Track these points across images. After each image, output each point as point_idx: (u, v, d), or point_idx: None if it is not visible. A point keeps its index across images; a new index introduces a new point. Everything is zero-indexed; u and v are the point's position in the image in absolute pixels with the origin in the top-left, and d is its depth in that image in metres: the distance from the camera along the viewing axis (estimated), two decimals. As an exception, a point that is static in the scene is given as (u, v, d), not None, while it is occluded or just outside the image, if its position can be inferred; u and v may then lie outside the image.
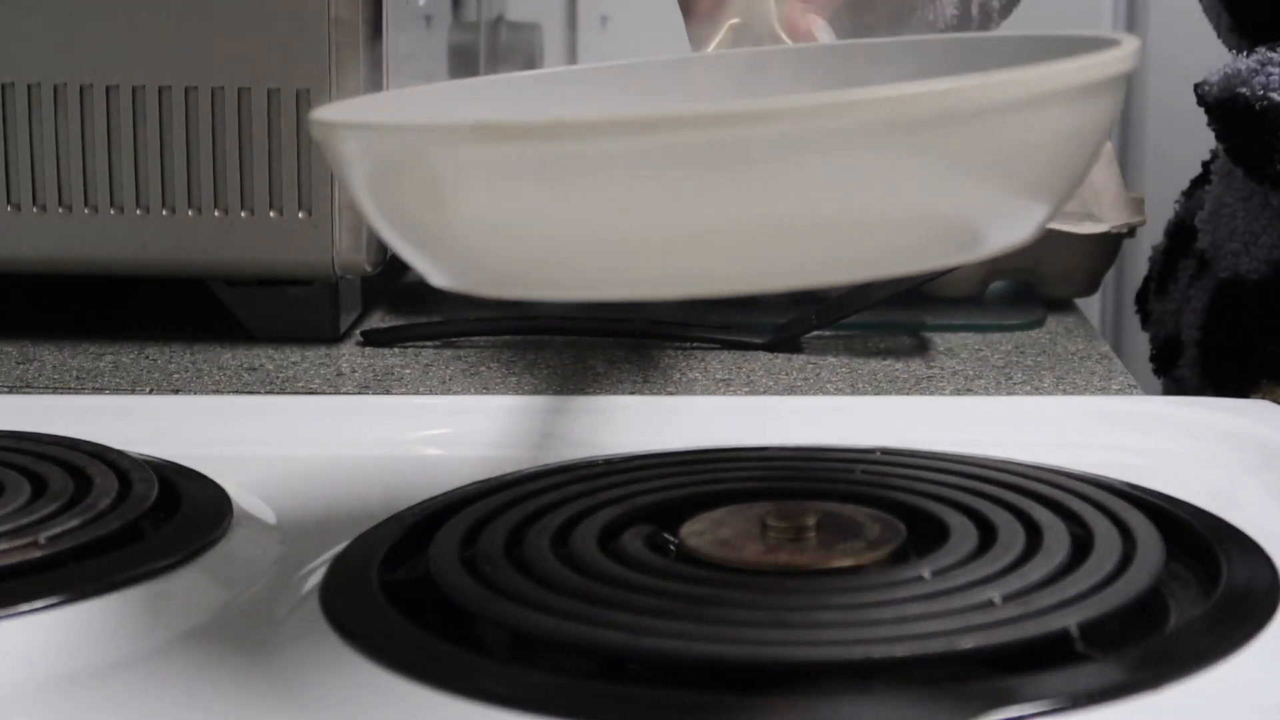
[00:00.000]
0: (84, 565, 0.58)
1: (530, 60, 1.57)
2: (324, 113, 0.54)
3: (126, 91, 0.93)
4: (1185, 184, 1.14)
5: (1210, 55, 1.11)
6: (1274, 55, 0.96)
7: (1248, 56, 0.97)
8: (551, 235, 0.48)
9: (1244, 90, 0.95)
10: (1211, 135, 1.02)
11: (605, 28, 2.14)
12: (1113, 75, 0.51)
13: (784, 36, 0.74)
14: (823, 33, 0.80)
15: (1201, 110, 1.00)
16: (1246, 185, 1.00)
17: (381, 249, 0.96)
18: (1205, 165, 1.12)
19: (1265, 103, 0.94)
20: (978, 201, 0.50)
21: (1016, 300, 1.06)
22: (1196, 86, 1.00)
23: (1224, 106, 0.97)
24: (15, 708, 0.51)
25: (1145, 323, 1.15)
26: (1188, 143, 1.25)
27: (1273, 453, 0.71)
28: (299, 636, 0.54)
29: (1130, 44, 0.52)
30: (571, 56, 2.14)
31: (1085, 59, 0.50)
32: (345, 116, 0.53)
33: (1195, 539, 0.59)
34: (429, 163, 0.49)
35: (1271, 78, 0.95)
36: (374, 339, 0.96)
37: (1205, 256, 1.04)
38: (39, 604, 0.55)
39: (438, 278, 0.53)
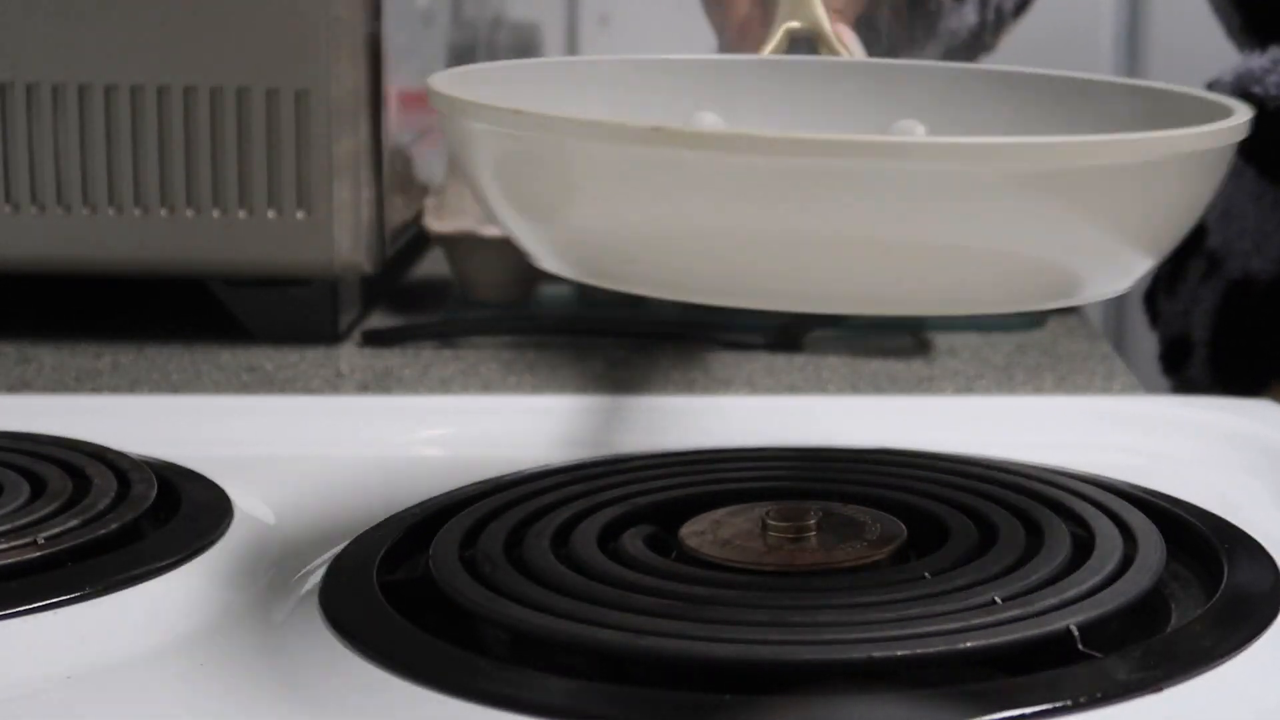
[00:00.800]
0: (83, 566, 0.58)
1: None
2: (453, 89, 0.54)
3: (126, 91, 0.93)
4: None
5: (1212, 53, 1.11)
6: None
7: (1261, 55, 0.97)
8: (698, 239, 0.50)
9: (1257, 89, 0.95)
10: None
11: (605, 27, 2.14)
12: (1231, 143, 0.53)
13: (836, 44, 0.74)
14: (853, 43, 0.81)
15: None
16: (1258, 184, 1.00)
17: (381, 248, 0.96)
18: None
19: (1278, 102, 0.94)
20: (1092, 252, 0.52)
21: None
22: (1209, 85, 1.00)
23: None
24: (15, 708, 0.51)
25: (1154, 322, 1.15)
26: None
27: (1275, 453, 0.71)
28: (298, 637, 0.54)
29: (1244, 113, 0.55)
30: (571, 56, 2.14)
31: (1212, 126, 0.52)
32: (493, 98, 0.53)
33: (1196, 539, 0.59)
34: (589, 158, 0.50)
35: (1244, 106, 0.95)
36: (374, 339, 0.96)
37: (1215, 256, 1.04)
38: (38, 604, 0.55)
39: (546, 261, 0.54)
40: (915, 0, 0.92)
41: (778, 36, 0.75)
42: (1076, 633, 0.50)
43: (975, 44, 1.00)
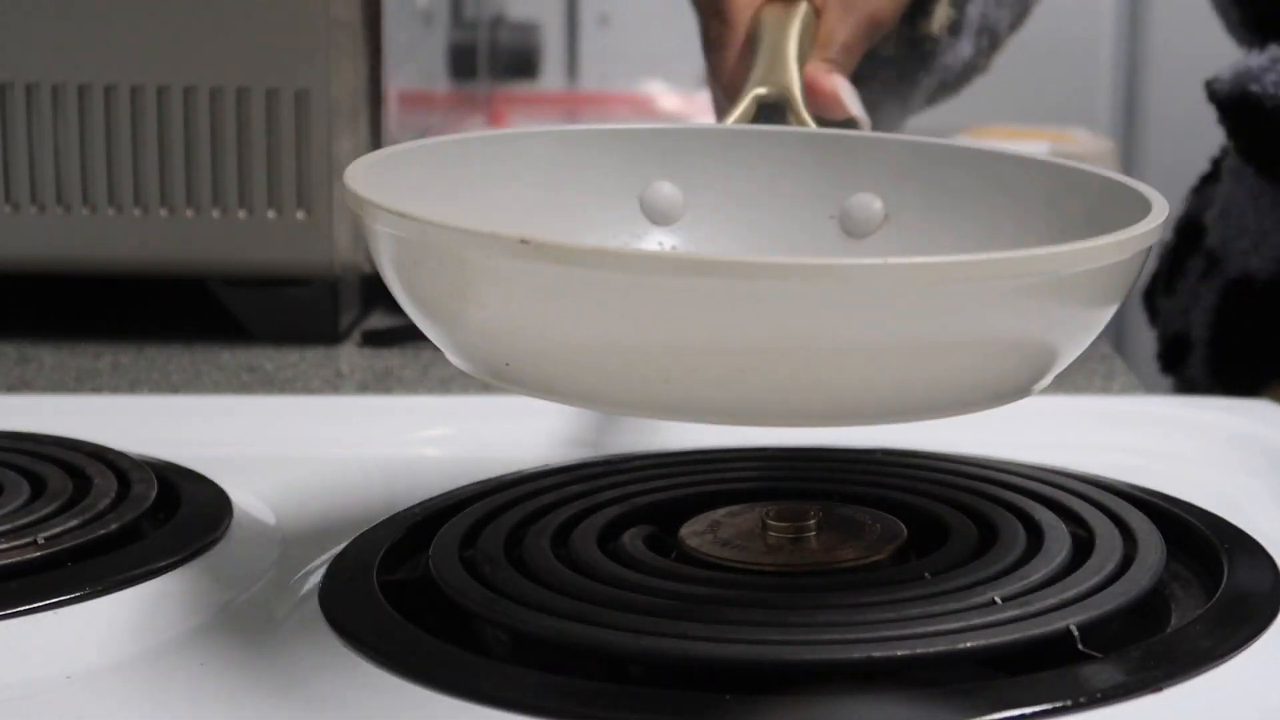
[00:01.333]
0: (83, 565, 0.58)
1: (530, 59, 1.57)
2: (358, 183, 0.55)
3: (125, 91, 0.93)
4: (1190, 182, 1.14)
5: (1213, 51, 1.11)
6: None
7: (1260, 53, 0.97)
8: (578, 348, 0.50)
9: (1255, 87, 0.95)
10: (1216, 132, 1.02)
11: (605, 27, 2.14)
12: (1133, 254, 0.52)
13: (805, 114, 0.74)
14: (846, 93, 0.81)
15: (1207, 107, 1.00)
16: (1257, 183, 1.00)
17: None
18: (1215, 162, 1.11)
19: (1276, 101, 0.94)
20: (991, 365, 0.51)
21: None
22: (1207, 83, 1.00)
23: (1235, 104, 0.97)
24: (15, 708, 0.51)
25: (1153, 320, 1.15)
26: (1191, 140, 1.25)
27: (1275, 453, 0.71)
28: (298, 636, 0.54)
29: (1160, 211, 0.54)
30: (571, 55, 2.14)
31: (1115, 238, 0.51)
32: (380, 196, 0.53)
33: (1197, 539, 0.59)
34: (467, 265, 0.50)
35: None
36: (374, 339, 0.96)
37: (1214, 255, 1.04)
38: (38, 604, 0.55)
39: (452, 358, 0.55)
40: (908, 38, 0.92)
41: (745, 103, 0.75)
42: (1076, 633, 0.50)
43: (969, 72, 1.00)
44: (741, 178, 0.67)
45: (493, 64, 1.50)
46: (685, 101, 1.62)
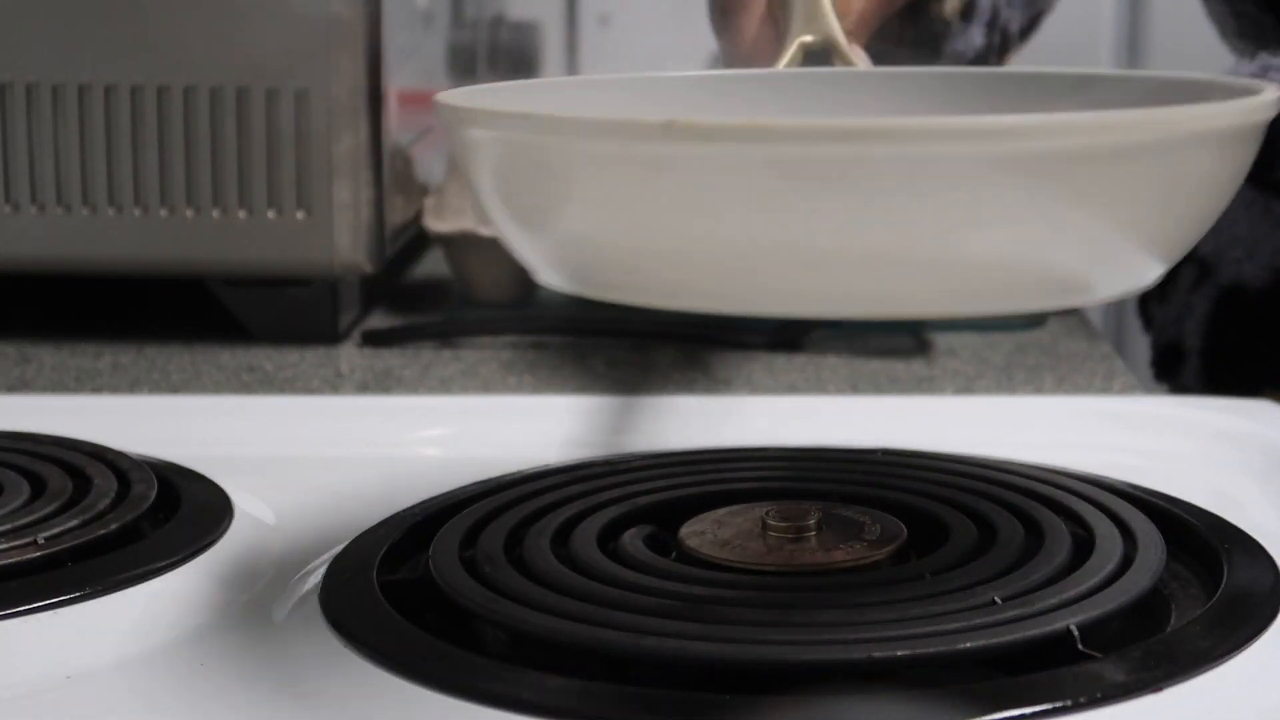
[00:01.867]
0: (83, 565, 0.58)
1: (530, 59, 1.57)
2: (461, 100, 0.53)
3: (126, 91, 0.93)
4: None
5: (1212, 52, 1.11)
6: (1276, 61, 0.96)
7: (1251, 61, 0.97)
8: (712, 240, 0.48)
9: None
10: None
11: (605, 27, 2.14)
12: (1257, 121, 0.51)
13: (852, 56, 0.74)
14: (863, 63, 0.81)
15: None
16: (1249, 192, 1.00)
17: (381, 248, 0.96)
18: None
19: None
20: (1104, 244, 0.50)
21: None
22: None
23: None
24: (15, 707, 0.51)
25: (1147, 327, 1.15)
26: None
27: (1274, 453, 0.71)
28: (299, 636, 0.54)
29: (1272, 92, 0.53)
30: (571, 55, 2.14)
31: (1233, 103, 0.50)
32: (505, 104, 0.52)
33: (1197, 539, 0.59)
34: (601, 159, 0.49)
35: (1274, 83, 0.94)
36: (374, 339, 0.96)
37: (1207, 263, 1.04)
38: (38, 604, 0.55)
39: (560, 276, 0.53)
40: (921, 19, 0.92)
41: (791, 50, 0.75)
42: (1076, 633, 0.50)
43: (979, 64, 1.00)
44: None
45: (493, 64, 1.50)
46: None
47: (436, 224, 1.02)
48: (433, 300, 1.06)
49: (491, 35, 1.49)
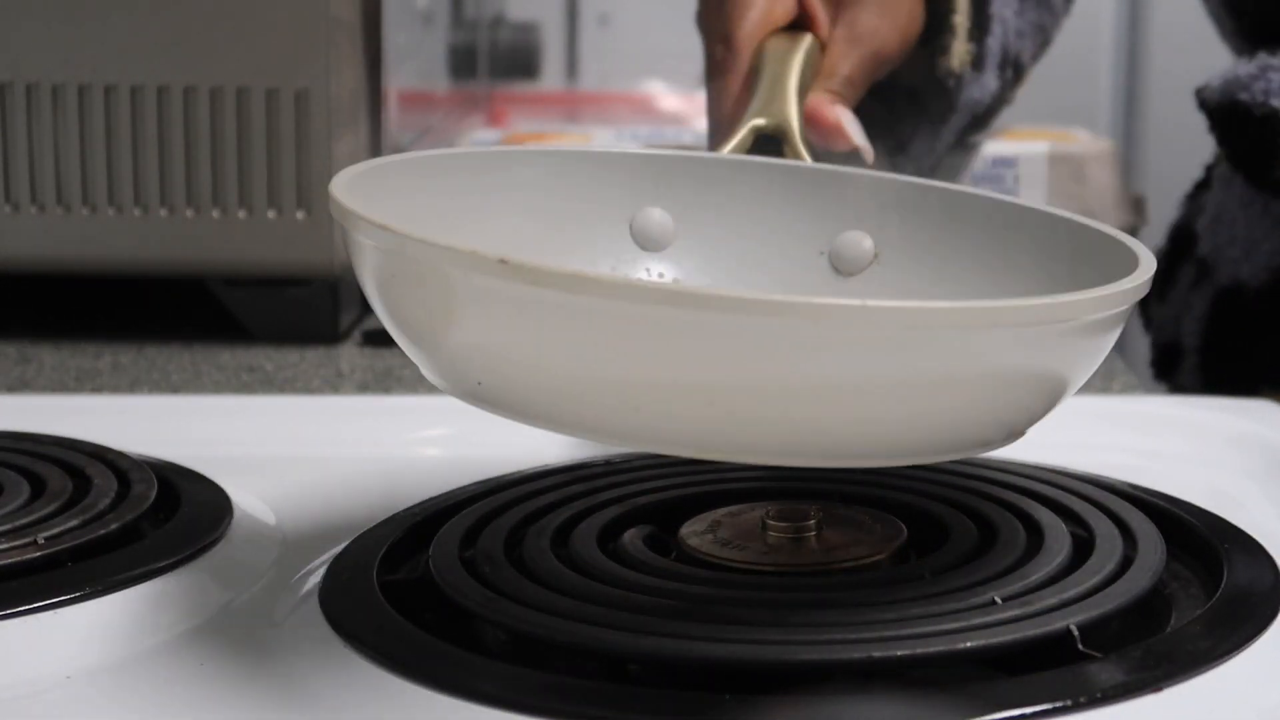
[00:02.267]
0: (83, 566, 0.58)
1: (530, 59, 1.57)
2: (342, 193, 0.55)
3: (125, 91, 0.93)
4: (1189, 182, 1.14)
5: (1212, 52, 1.11)
6: (1274, 61, 0.96)
7: (1249, 61, 0.97)
8: (550, 372, 0.50)
9: (1244, 96, 0.95)
10: (1213, 139, 1.02)
11: (605, 27, 2.14)
12: (1117, 310, 0.52)
13: (801, 148, 0.74)
14: (849, 124, 0.81)
15: (1203, 114, 1.00)
16: (1247, 191, 1.00)
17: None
18: (1208, 169, 1.11)
19: (1265, 109, 0.94)
20: (943, 421, 0.51)
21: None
22: (1197, 91, 1.00)
23: (1224, 112, 0.97)
24: (15, 708, 0.51)
25: (1146, 327, 1.15)
26: (1191, 146, 1.25)
27: (1274, 453, 0.71)
28: (299, 637, 0.54)
29: (1147, 267, 0.54)
30: (571, 56, 2.14)
31: (1108, 290, 0.51)
32: (363, 207, 0.53)
33: (1196, 539, 0.59)
34: (445, 282, 0.50)
35: (1272, 84, 0.94)
36: (374, 339, 0.96)
37: (1206, 262, 1.04)
38: (38, 604, 0.55)
39: (427, 374, 0.55)
40: (928, 75, 0.92)
41: (742, 133, 0.75)
42: (1076, 633, 0.50)
43: (998, 105, 1.00)
44: (734, 208, 0.67)
45: (493, 64, 1.50)
46: (685, 101, 1.62)
47: None
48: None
49: (491, 35, 1.49)
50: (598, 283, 0.48)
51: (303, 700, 0.51)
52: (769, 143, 0.75)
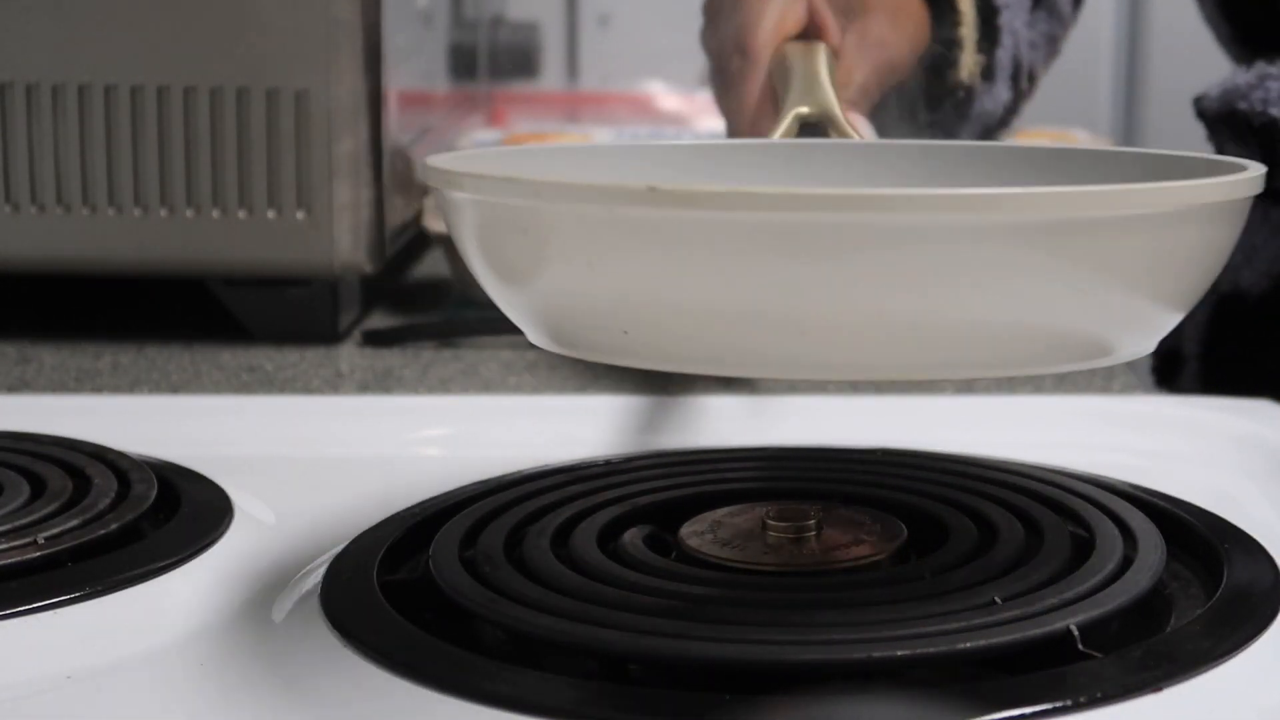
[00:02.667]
0: (83, 566, 0.58)
1: (530, 59, 1.57)
2: (447, 163, 0.53)
3: (125, 91, 0.93)
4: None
5: (1213, 51, 1.11)
6: (1273, 70, 0.96)
7: (1247, 70, 0.97)
8: (713, 305, 0.48)
9: (1243, 104, 0.95)
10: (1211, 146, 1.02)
11: (605, 27, 2.14)
12: (1244, 196, 0.52)
13: (848, 128, 0.74)
14: (865, 130, 0.81)
15: (1201, 123, 1.00)
16: None
17: (381, 248, 0.96)
18: None
19: (1264, 118, 0.94)
20: (1115, 310, 0.50)
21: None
22: (1196, 100, 1.00)
23: (1223, 121, 0.97)
24: (15, 708, 0.51)
25: None
26: (1190, 147, 1.25)
27: (1274, 453, 0.71)
28: (299, 636, 0.54)
29: (1257, 169, 0.53)
30: (571, 55, 2.14)
31: (1223, 179, 0.51)
32: (488, 167, 0.52)
33: (1197, 539, 0.59)
34: (590, 224, 0.48)
35: (1270, 93, 0.94)
36: (375, 339, 0.96)
37: None
38: (38, 604, 0.55)
39: (549, 339, 0.53)
40: (939, 87, 0.92)
41: (787, 121, 0.75)
42: (1076, 633, 0.50)
43: (1010, 115, 1.00)
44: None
45: (493, 64, 1.50)
46: (685, 101, 1.62)
47: (436, 224, 1.02)
48: (432, 300, 1.06)
49: (491, 35, 1.49)
50: (758, 197, 0.46)
51: (303, 700, 0.51)
52: (809, 130, 0.76)
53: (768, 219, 0.46)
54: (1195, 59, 1.27)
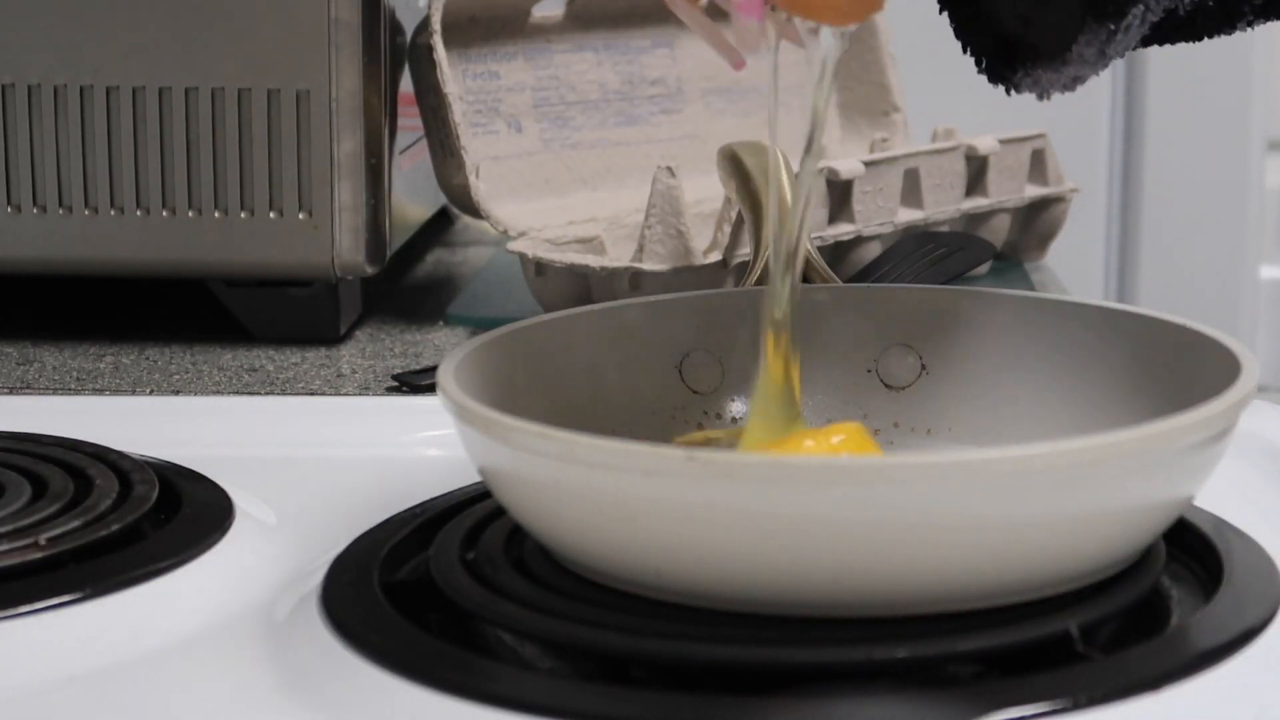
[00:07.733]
0: (84, 566, 0.58)
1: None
2: (466, 399, 0.55)
3: (126, 92, 0.93)
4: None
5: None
6: None
7: None
8: (734, 553, 0.50)
9: None
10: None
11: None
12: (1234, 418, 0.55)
13: (826, 271, 0.75)
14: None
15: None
16: None
17: (381, 249, 0.96)
18: None
19: None
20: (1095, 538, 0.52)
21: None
22: None
23: None
24: (15, 708, 0.51)
25: None
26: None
27: (1275, 453, 0.71)
28: (299, 637, 0.54)
29: (1251, 373, 0.57)
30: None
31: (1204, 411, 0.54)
32: (494, 412, 0.53)
33: (1196, 539, 0.59)
34: (625, 484, 0.50)
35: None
36: (407, 381, 0.92)
37: None
38: (40, 605, 0.55)
39: (584, 562, 0.54)
40: None
41: (761, 264, 0.75)
42: (1076, 633, 0.50)
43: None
44: None
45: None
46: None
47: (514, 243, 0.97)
48: (433, 302, 1.06)
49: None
50: (797, 469, 0.49)
51: (303, 700, 0.51)
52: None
53: (808, 495, 0.48)
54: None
